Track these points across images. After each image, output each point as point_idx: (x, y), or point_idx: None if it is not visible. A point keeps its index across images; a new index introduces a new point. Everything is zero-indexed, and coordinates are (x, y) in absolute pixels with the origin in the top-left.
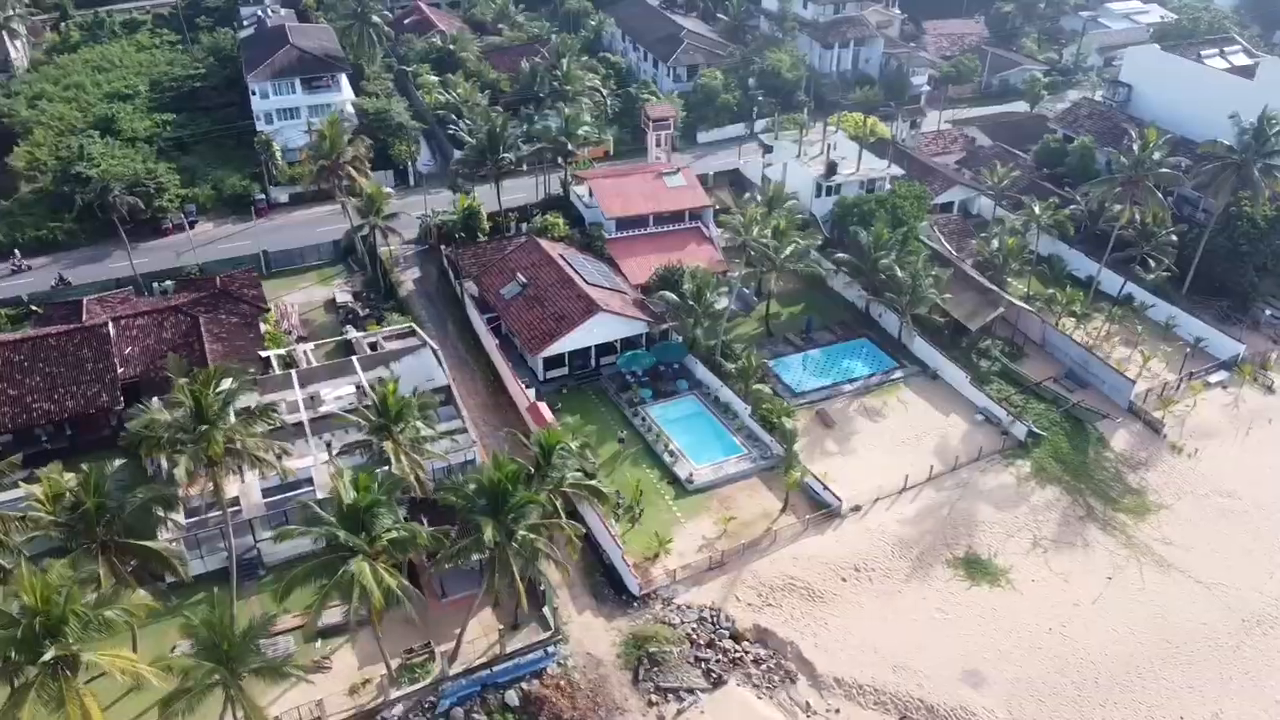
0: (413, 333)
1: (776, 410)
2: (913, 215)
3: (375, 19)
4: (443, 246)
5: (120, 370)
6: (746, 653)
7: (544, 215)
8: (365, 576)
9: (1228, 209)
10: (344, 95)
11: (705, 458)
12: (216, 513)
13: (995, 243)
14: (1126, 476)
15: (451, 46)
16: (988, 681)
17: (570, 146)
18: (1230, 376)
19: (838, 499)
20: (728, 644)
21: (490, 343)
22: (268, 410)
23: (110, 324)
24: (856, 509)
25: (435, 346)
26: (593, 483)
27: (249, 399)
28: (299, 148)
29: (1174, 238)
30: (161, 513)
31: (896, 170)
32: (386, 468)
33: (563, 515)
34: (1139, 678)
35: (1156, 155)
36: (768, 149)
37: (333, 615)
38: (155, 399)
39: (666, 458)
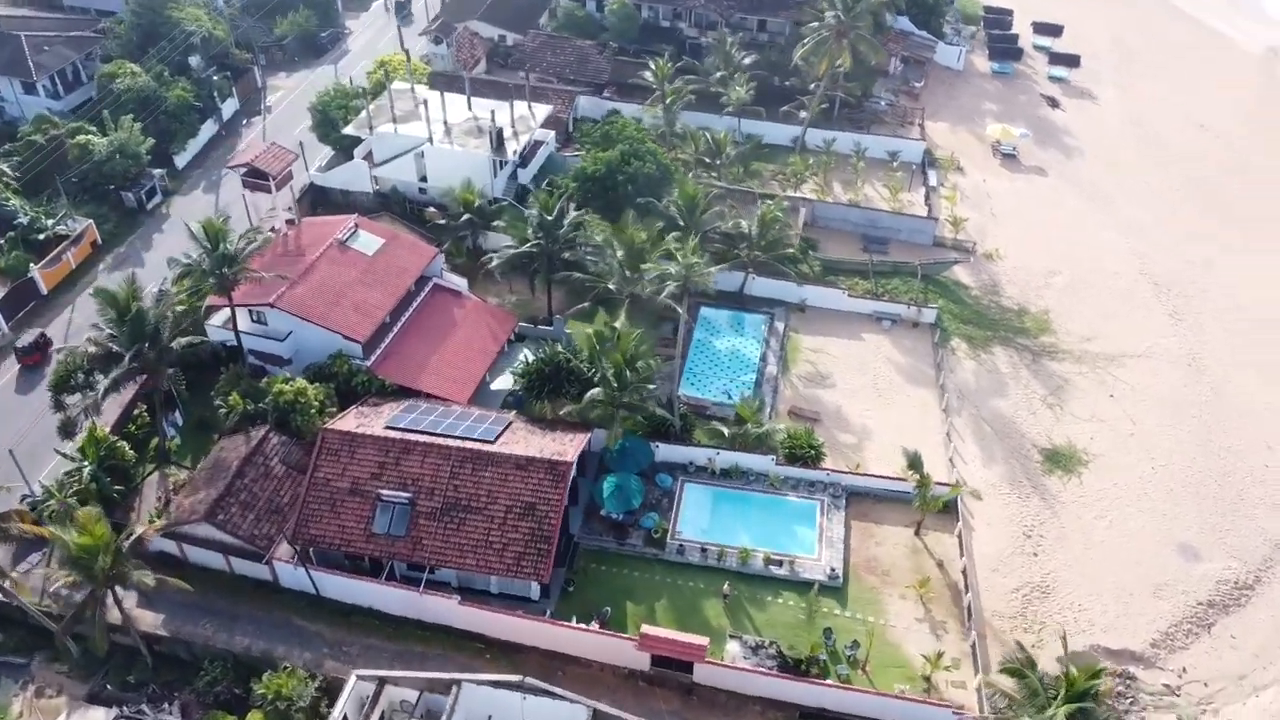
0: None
1: (802, 440)
2: (661, 154)
3: None
4: (144, 527)
5: None
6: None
7: (249, 395)
8: None
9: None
10: None
11: (803, 542)
12: None
13: (700, 142)
14: (1003, 304)
15: None
16: (1196, 547)
17: (240, 274)
18: (939, 173)
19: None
20: None
21: (445, 603)
22: None
23: None
24: (957, 486)
25: (514, 676)
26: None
27: None
28: None
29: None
30: None
31: (540, 111)
32: None
33: None
34: (1228, 456)
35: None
36: (353, 140)
37: None
38: None
39: (778, 570)
